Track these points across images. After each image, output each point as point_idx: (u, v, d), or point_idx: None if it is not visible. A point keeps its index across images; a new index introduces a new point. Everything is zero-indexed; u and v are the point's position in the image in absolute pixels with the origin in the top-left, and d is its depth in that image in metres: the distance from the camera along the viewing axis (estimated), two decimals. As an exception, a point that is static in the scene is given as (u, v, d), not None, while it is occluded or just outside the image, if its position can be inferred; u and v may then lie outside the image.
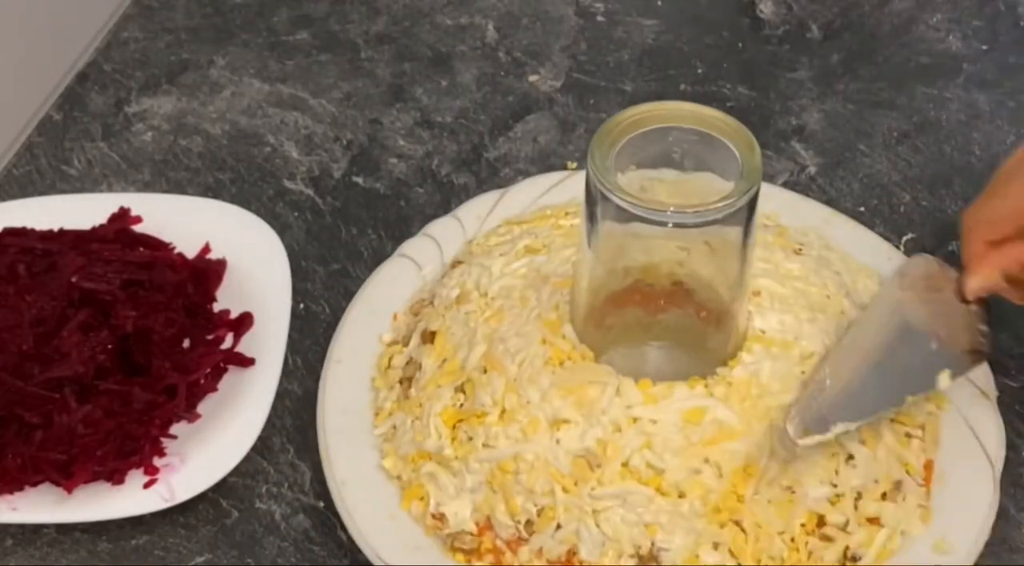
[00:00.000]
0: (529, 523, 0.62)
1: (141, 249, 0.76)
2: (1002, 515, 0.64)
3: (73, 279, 0.71)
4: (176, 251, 0.77)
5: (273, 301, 0.73)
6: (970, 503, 0.63)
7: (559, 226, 0.74)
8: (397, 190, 0.85)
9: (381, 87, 0.94)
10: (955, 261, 0.79)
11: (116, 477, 0.65)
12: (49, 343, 0.68)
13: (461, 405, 0.65)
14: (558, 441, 0.62)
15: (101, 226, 0.77)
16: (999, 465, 0.65)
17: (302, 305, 0.77)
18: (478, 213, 0.78)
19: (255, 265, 0.76)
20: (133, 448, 0.66)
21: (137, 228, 0.78)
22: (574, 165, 0.86)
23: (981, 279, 0.62)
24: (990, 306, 0.65)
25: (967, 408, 0.67)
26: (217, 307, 0.74)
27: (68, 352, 0.68)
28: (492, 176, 0.86)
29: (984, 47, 0.96)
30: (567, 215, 0.75)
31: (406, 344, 0.70)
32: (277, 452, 0.70)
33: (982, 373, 0.69)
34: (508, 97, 0.93)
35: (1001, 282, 0.62)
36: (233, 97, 0.93)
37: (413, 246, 0.77)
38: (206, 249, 0.77)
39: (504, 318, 0.67)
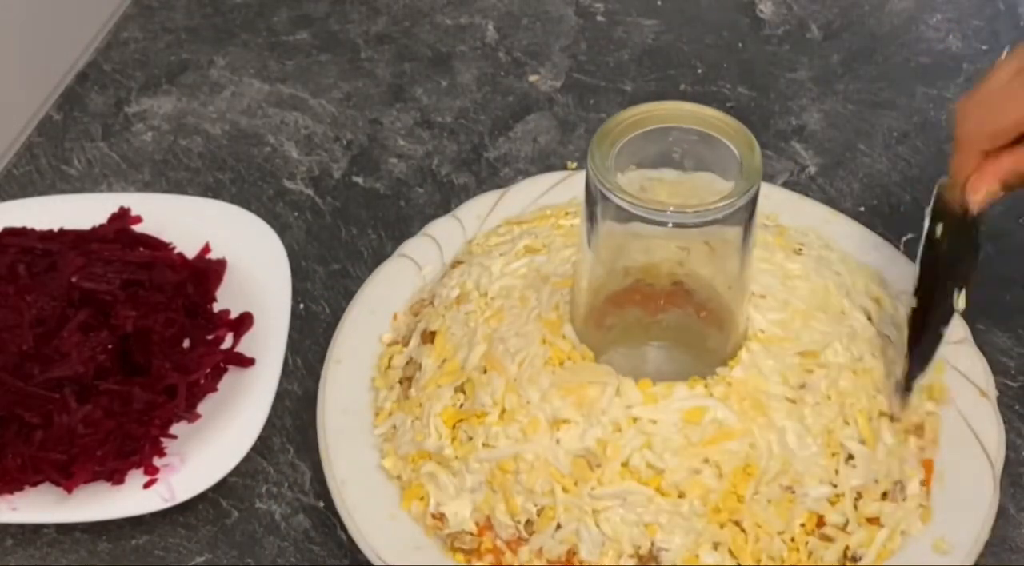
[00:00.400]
0: (529, 523, 0.62)
1: (141, 249, 0.76)
2: (1002, 515, 0.64)
3: (73, 279, 0.71)
4: (176, 251, 0.77)
5: (273, 301, 0.73)
6: (970, 503, 0.63)
7: (559, 226, 0.74)
8: (397, 190, 0.85)
9: (381, 87, 0.94)
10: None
11: (116, 477, 0.65)
12: (49, 343, 0.68)
13: (461, 405, 0.65)
14: (558, 441, 0.62)
15: (101, 226, 0.77)
16: (999, 465, 0.65)
17: (302, 305, 0.77)
18: (478, 213, 0.78)
19: (255, 265, 0.75)
20: (133, 448, 0.66)
21: (137, 228, 0.78)
22: (574, 165, 0.86)
23: (985, 193, 0.62)
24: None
25: (967, 408, 0.67)
26: (217, 307, 0.74)
27: (68, 352, 0.68)
28: (492, 176, 0.86)
29: (984, 47, 0.96)
30: (567, 215, 0.75)
31: (406, 344, 0.70)
32: (277, 452, 0.70)
33: (982, 373, 0.69)
34: (508, 97, 0.93)
35: (999, 192, 0.62)
36: (233, 97, 0.93)
37: (413, 246, 0.77)
38: (206, 249, 0.77)
39: (504, 318, 0.67)
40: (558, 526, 0.61)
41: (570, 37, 0.98)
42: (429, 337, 0.69)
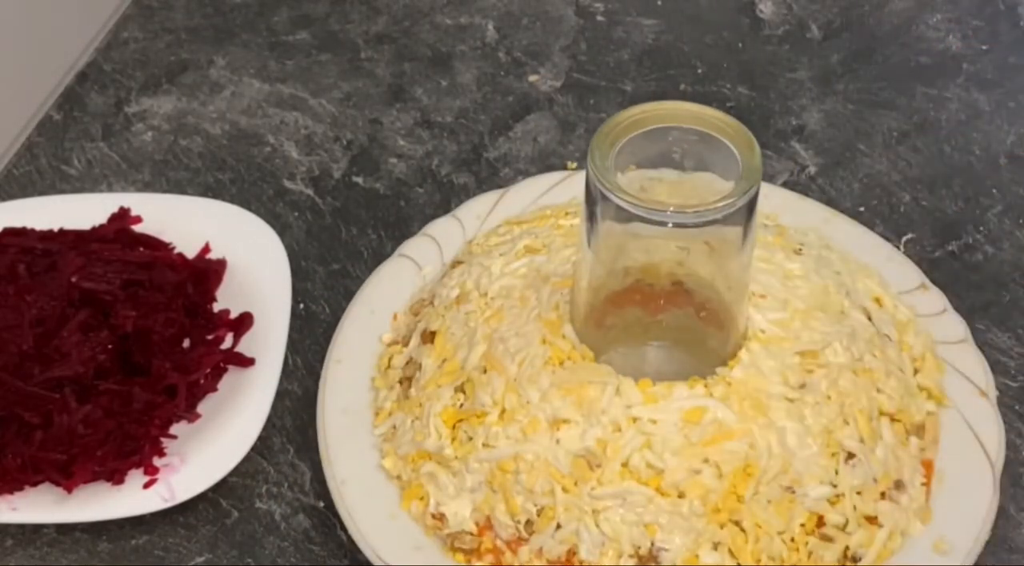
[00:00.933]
0: (529, 523, 0.62)
1: (141, 249, 0.76)
2: (1002, 515, 0.64)
3: (73, 279, 0.71)
4: (176, 251, 0.77)
5: (273, 301, 0.73)
6: (970, 503, 0.63)
7: (559, 226, 0.74)
8: (397, 190, 0.85)
9: (381, 87, 0.94)
10: (953, 261, 0.79)
11: (116, 477, 0.65)
12: (49, 343, 0.68)
13: (461, 405, 0.65)
14: (558, 441, 0.62)
15: (101, 226, 0.77)
16: (999, 465, 0.65)
17: (302, 305, 0.77)
18: (478, 213, 0.78)
19: (255, 265, 0.76)
20: (133, 448, 0.66)
21: (137, 228, 0.78)
22: (574, 165, 0.86)
23: None
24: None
25: (967, 408, 0.67)
26: (217, 307, 0.74)
27: (68, 352, 0.68)
28: (492, 176, 0.86)
29: (984, 47, 0.96)
30: (567, 215, 0.75)
31: (406, 344, 0.70)
32: (277, 452, 0.70)
33: (982, 373, 0.69)
34: (508, 97, 0.93)
35: None
36: (233, 97, 0.93)
37: (413, 246, 0.77)
38: (206, 249, 0.77)
39: (504, 318, 0.67)
40: (558, 526, 0.61)
41: (570, 37, 0.98)
42: (429, 337, 0.69)
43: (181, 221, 0.78)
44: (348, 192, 0.85)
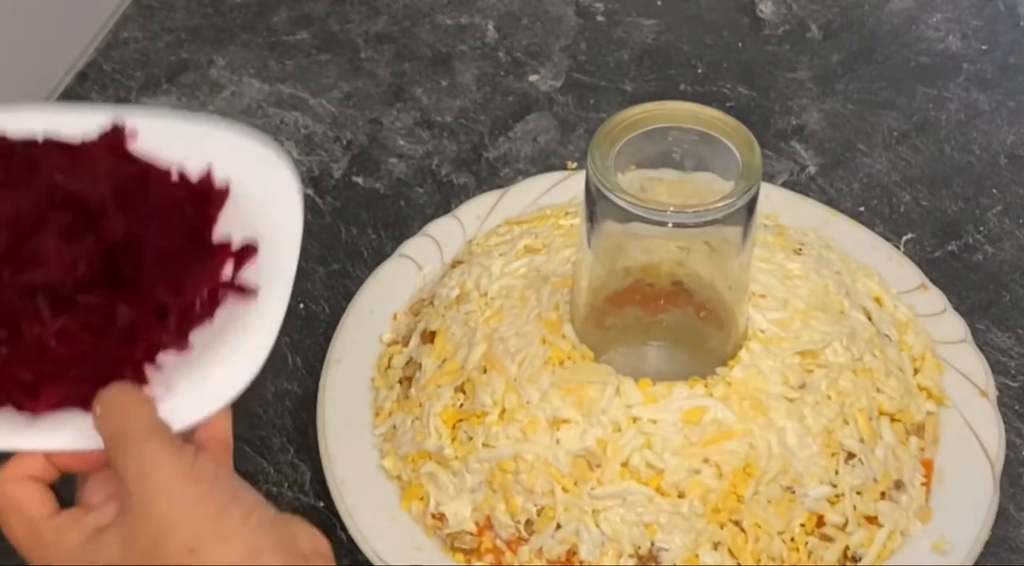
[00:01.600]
0: (529, 523, 0.62)
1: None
2: (1002, 515, 0.64)
3: (57, 178, 0.57)
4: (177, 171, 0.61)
5: (281, 233, 0.60)
6: (970, 503, 0.63)
7: (559, 226, 0.74)
8: (397, 190, 0.85)
9: (381, 87, 0.94)
10: (953, 261, 0.79)
11: (90, 405, 0.53)
12: (24, 245, 0.55)
13: (461, 405, 0.65)
14: (558, 441, 0.62)
15: (92, 143, 0.61)
16: (999, 465, 0.65)
17: (302, 305, 0.77)
18: (478, 213, 0.78)
19: (262, 194, 0.62)
20: (112, 373, 0.54)
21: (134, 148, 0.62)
22: (574, 165, 0.86)
23: None
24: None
25: (967, 408, 0.67)
26: (217, 236, 0.60)
27: (46, 257, 0.55)
28: (492, 176, 0.86)
29: (984, 47, 0.96)
30: (567, 215, 0.75)
31: (406, 344, 0.70)
32: (277, 452, 0.70)
33: (982, 373, 0.69)
34: (508, 97, 0.93)
35: None
36: (233, 97, 0.93)
37: (413, 246, 0.77)
38: (209, 173, 0.61)
39: (504, 318, 0.67)
40: (558, 526, 0.61)
41: (570, 37, 0.98)
42: (429, 337, 0.69)
43: (183, 143, 0.62)
44: (348, 192, 0.85)
